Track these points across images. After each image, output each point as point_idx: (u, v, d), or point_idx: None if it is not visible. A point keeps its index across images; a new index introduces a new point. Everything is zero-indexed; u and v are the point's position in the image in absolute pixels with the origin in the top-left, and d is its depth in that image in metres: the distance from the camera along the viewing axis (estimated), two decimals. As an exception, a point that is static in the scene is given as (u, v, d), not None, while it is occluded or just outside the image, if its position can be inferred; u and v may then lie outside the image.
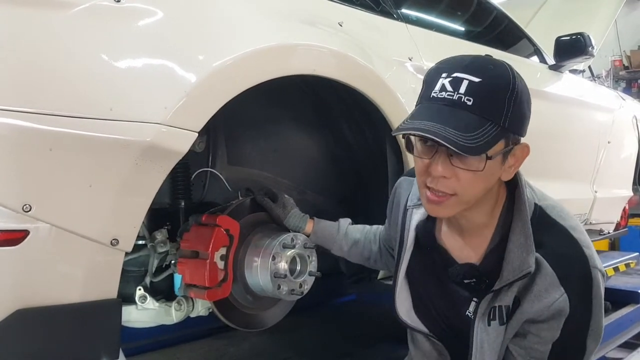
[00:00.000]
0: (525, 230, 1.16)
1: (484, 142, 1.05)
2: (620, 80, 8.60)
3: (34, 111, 1.02)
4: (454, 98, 1.07)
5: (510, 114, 1.07)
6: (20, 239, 1.03)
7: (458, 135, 1.04)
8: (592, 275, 1.16)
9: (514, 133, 1.12)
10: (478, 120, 1.06)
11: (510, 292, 1.19)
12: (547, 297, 1.15)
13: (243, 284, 1.51)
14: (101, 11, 1.13)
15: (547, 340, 1.18)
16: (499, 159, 1.12)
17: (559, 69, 2.95)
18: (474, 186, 1.12)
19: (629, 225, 4.23)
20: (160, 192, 1.19)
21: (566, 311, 1.14)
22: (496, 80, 1.08)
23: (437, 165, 1.10)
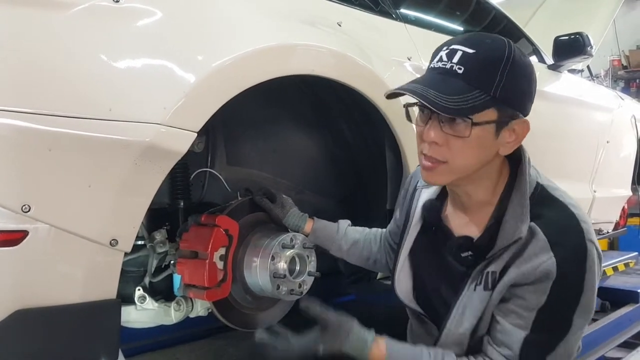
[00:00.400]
0: (523, 202, 1.18)
1: (468, 106, 1.09)
2: (619, 79, 8.62)
3: (33, 111, 1.02)
4: (447, 67, 1.13)
5: (503, 85, 1.10)
6: (19, 239, 1.03)
7: (440, 96, 1.09)
8: (587, 247, 1.14)
9: (509, 106, 1.14)
10: (465, 87, 1.10)
11: (501, 260, 1.18)
12: (536, 260, 1.13)
13: (242, 284, 1.51)
14: (100, 11, 1.13)
15: (532, 304, 1.14)
16: (491, 130, 1.14)
17: (558, 68, 2.95)
18: (464, 155, 1.15)
19: (628, 225, 4.23)
20: (160, 192, 1.19)
21: (553, 274, 1.11)
22: (490, 52, 1.13)
23: (430, 131, 1.15)
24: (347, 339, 1.24)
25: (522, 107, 1.17)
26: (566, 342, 1.15)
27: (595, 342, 3.06)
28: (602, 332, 3.17)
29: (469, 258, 1.24)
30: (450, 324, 1.24)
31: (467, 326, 1.22)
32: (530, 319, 1.14)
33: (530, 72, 1.17)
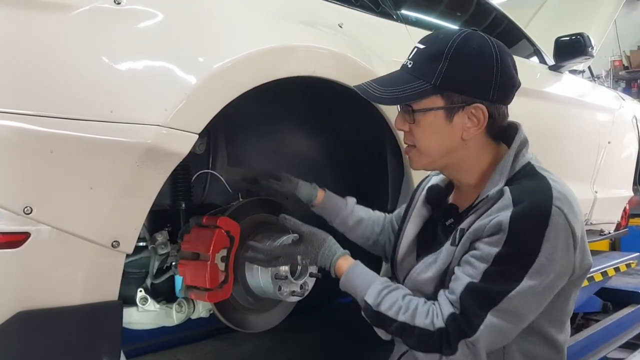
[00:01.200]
0: (502, 169, 1.23)
1: (404, 95, 1.21)
2: (620, 80, 8.62)
3: (35, 113, 1.02)
4: (404, 63, 1.27)
5: (444, 74, 1.19)
6: (21, 241, 1.03)
7: (378, 89, 1.25)
8: (552, 211, 1.11)
9: (455, 92, 1.20)
10: (409, 78, 1.22)
11: (470, 218, 1.21)
12: (497, 213, 1.15)
13: (244, 286, 1.51)
14: (101, 13, 1.14)
15: (484, 255, 1.13)
16: (440, 116, 1.22)
17: (559, 69, 2.95)
18: (424, 139, 1.25)
19: (629, 226, 4.23)
20: (161, 193, 1.19)
21: (505, 226, 1.11)
22: (437, 45, 1.22)
23: (397, 122, 1.30)
24: (319, 250, 1.32)
25: (475, 92, 1.20)
26: (511, 299, 1.11)
27: (597, 343, 3.06)
28: (604, 332, 3.17)
29: (452, 226, 1.27)
30: (413, 272, 1.30)
31: (428, 275, 1.25)
32: (480, 269, 1.13)
33: (481, 59, 1.20)
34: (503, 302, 1.12)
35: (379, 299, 1.21)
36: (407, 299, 1.21)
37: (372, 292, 1.23)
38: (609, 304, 3.60)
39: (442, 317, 1.15)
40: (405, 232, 1.42)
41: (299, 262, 1.37)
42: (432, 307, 1.18)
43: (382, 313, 1.20)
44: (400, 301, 1.20)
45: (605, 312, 3.60)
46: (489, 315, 1.12)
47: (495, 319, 1.12)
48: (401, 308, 1.19)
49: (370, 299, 1.22)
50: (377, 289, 1.23)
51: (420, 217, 1.42)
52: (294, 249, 1.34)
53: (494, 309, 1.12)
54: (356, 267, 1.30)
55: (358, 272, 1.29)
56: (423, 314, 1.17)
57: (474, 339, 1.12)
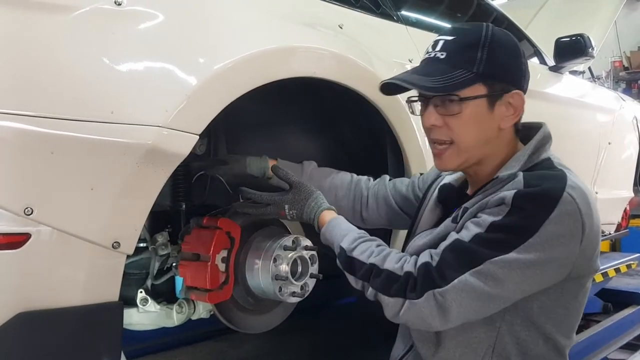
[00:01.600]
0: (520, 157, 1.22)
1: (451, 84, 1.17)
2: (620, 81, 8.62)
3: (35, 114, 1.02)
4: (431, 56, 1.23)
5: (485, 61, 1.18)
6: (21, 242, 1.03)
7: (423, 79, 1.19)
8: (562, 195, 1.09)
9: (497, 80, 1.20)
10: (448, 69, 1.19)
11: (477, 199, 1.21)
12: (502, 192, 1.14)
13: (244, 287, 1.51)
14: (102, 14, 1.14)
15: (481, 222, 1.12)
16: (483, 104, 1.20)
17: (559, 70, 2.96)
18: (466, 131, 1.21)
19: (630, 226, 4.23)
20: (161, 194, 1.19)
21: (508, 200, 1.10)
22: (468, 36, 1.22)
23: (428, 116, 1.23)
24: (306, 202, 1.36)
25: (513, 80, 1.23)
26: (493, 264, 1.08)
27: (598, 344, 3.06)
28: (605, 333, 3.17)
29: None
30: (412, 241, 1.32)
31: (421, 242, 1.26)
32: (472, 232, 1.12)
33: (514, 48, 1.24)
34: (484, 264, 1.09)
35: (353, 245, 1.24)
36: (381, 247, 1.24)
37: (348, 239, 1.26)
38: (610, 304, 3.60)
39: (413, 263, 1.16)
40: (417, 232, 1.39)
41: (287, 212, 1.39)
42: (406, 255, 1.20)
43: (354, 257, 1.23)
44: (373, 247, 1.23)
45: (606, 313, 3.60)
46: (467, 274, 1.09)
47: (472, 278, 1.09)
48: (373, 253, 1.21)
49: (345, 244, 1.25)
50: (353, 236, 1.26)
51: (433, 216, 1.39)
52: (282, 197, 1.38)
53: (473, 269, 1.09)
54: (338, 219, 1.34)
55: (339, 223, 1.32)
56: (394, 259, 1.19)
57: (444, 291, 1.10)
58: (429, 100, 1.22)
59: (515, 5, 4.74)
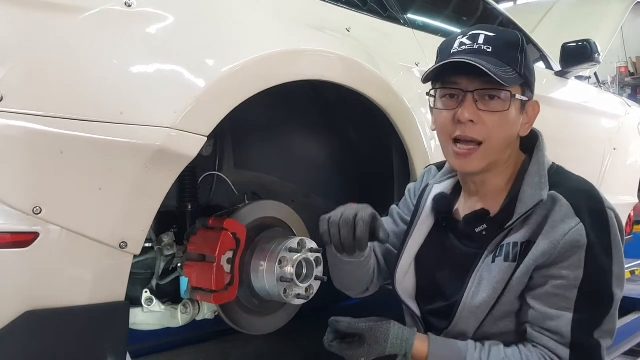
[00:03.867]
0: (541, 172, 1.19)
1: (509, 77, 1.13)
2: (626, 86, 8.59)
3: (45, 114, 1.03)
4: (475, 47, 1.16)
5: (524, 65, 1.17)
6: (30, 241, 1.04)
7: (489, 66, 1.11)
8: (608, 214, 1.13)
9: (528, 86, 1.20)
10: (500, 63, 1.14)
11: (523, 230, 1.16)
12: (563, 225, 1.10)
13: (249, 288, 1.51)
14: (112, 15, 1.14)
15: (571, 281, 1.11)
16: (519, 107, 1.18)
17: (565, 75, 2.95)
18: (499, 131, 1.16)
19: (634, 232, 4.21)
20: (168, 195, 1.19)
21: (584, 242, 1.09)
22: (509, 36, 1.20)
23: (465, 111, 1.15)
24: (386, 342, 1.17)
25: (534, 88, 1.23)
26: (611, 317, 1.13)
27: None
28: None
29: (483, 233, 1.21)
30: (466, 297, 1.20)
31: (484, 297, 1.18)
32: (572, 298, 1.11)
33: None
34: (605, 322, 1.13)
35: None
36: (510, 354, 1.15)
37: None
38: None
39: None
40: (410, 243, 1.36)
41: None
42: (541, 354, 1.14)
43: None
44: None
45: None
46: (597, 338, 1.12)
47: (601, 340, 1.13)
48: None
49: None
50: (475, 358, 1.15)
51: (426, 226, 1.36)
52: (356, 352, 1.18)
53: (597, 330, 1.12)
54: (436, 344, 1.19)
55: (442, 349, 1.18)
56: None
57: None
58: (466, 94, 1.15)
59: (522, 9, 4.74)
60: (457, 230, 1.28)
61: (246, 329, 1.57)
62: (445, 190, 1.37)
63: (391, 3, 2.02)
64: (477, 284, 1.19)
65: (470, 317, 1.21)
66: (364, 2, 1.90)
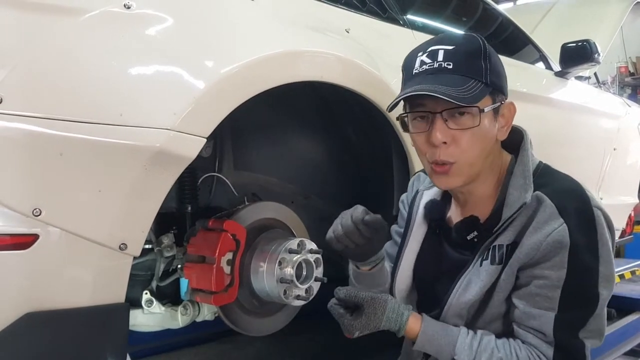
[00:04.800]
0: (526, 173, 1.19)
1: (472, 95, 1.11)
2: (626, 86, 8.58)
3: (45, 116, 1.03)
4: (435, 66, 1.15)
5: (489, 71, 1.16)
6: (29, 242, 1.04)
7: (449, 89, 1.10)
8: (595, 214, 1.13)
9: (498, 90, 1.19)
10: (462, 79, 1.13)
11: (509, 232, 1.17)
12: (546, 227, 1.11)
13: (249, 289, 1.51)
14: (112, 17, 1.15)
15: (554, 281, 1.11)
16: (491, 115, 1.17)
17: (565, 75, 2.95)
18: (472, 147, 1.15)
19: (634, 233, 4.21)
20: (167, 196, 1.19)
21: (566, 242, 1.09)
22: (468, 46, 1.18)
23: (436, 133, 1.14)
24: (383, 315, 1.19)
25: (505, 90, 1.22)
26: (596, 317, 1.13)
27: (601, 350, 3.04)
28: (608, 340, 3.16)
29: (475, 240, 1.22)
30: (453, 297, 1.23)
31: (469, 297, 1.20)
32: (556, 298, 1.12)
33: (499, 57, 1.23)
34: (590, 322, 1.13)
35: (472, 356, 1.15)
36: (501, 347, 1.16)
37: (463, 349, 1.16)
38: (613, 311, 3.58)
39: (546, 358, 1.14)
40: (406, 253, 1.37)
41: (355, 336, 1.21)
42: (529, 351, 1.15)
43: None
44: (497, 353, 1.15)
45: (610, 319, 3.59)
46: (582, 339, 1.13)
47: (587, 340, 1.13)
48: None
49: (463, 356, 1.16)
50: (466, 343, 1.16)
51: (420, 234, 1.37)
52: (353, 322, 1.19)
53: (582, 330, 1.13)
54: (430, 324, 1.21)
55: (435, 330, 1.20)
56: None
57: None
58: (435, 115, 1.15)
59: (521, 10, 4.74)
60: (451, 239, 1.29)
61: (246, 330, 1.57)
62: (435, 196, 1.38)
63: (390, 4, 2.02)
64: (465, 286, 1.21)
65: (456, 318, 1.23)
66: (363, 3, 1.90)
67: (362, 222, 1.21)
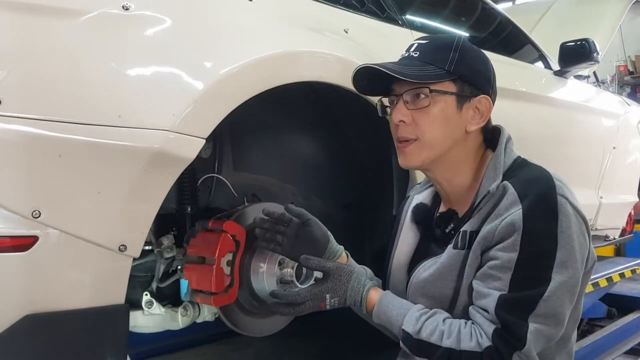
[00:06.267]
0: (497, 165, 1.23)
1: (422, 74, 1.20)
2: (625, 85, 8.59)
3: (43, 118, 1.03)
4: (406, 55, 1.27)
5: (456, 62, 1.22)
6: (29, 244, 1.04)
7: (400, 67, 1.21)
8: (557, 201, 1.13)
9: (466, 82, 1.23)
10: (421, 63, 1.23)
11: (474, 220, 1.20)
12: (504, 214, 1.14)
13: (249, 290, 1.51)
14: (110, 19, 1.15)
15: (505, 263, 1.12)
16: (452, 103, 1.22)
17: (564, 74, 2.95)
18: (431, 128, 1.22)
19: (634, 231, 4.21)
20: (167, 197, 1.20)
21: (519, 225, 1.11)
22: (441, 40, 1.29)
23: (396, 112, 1.24)
24: (348, 284, 1.25)
25: (481, 85, 1.26)
26: (547, 301, 1.11)
27: (602, 349, 3.05)
28: (609, 338, 3.16)
29: (452, 233, 1.26)
30: (414, 277, 1.29)
31: (426, 275, 1.25)
32: (506, 279, 1.12)
33: (484, 57, 1.29)
34: (539, 305, 1.11)
35: (418, 326, 1.18)
36: (448, 322, 1.17)
37: (410, 320, 1.19)
38: (614, 309, 3.59)
39: (486, 336, 1.13)
40: (396, 256, 1.39)
41: (328, 302, 1.25)
42: (473, 327, 1.15)
43: (424, 340, 1.16)
44: (441, 325, 1.17)
45: (610, 318, 3.59)
46: (530, 323, 1.11)
47: (536, 324, 1.11)
48: (443, 333, 1.15)
49: (409, 327, 1.18)
50: (414, 316, 1.19)
51: (411, 237, 1.39)
52: (321, 288, 1.25)
53: (532, 314, 1.11)
54: (387, 296, 1.25)
55: (391, 301, 1.24)
56: (467, 336, 1.14)
57: (526, 350, 1.11)
58: (399, 97, 1.24)
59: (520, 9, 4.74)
60: (435, 236, 1.32)
61: (246, 331, 1.57)
62: (424, 200, 1.41)
63: (389, 4, 2.02)
64: (426, 268, 1.26)
65: (417, 295, 1.26)
66: (361, 3, 1.90)
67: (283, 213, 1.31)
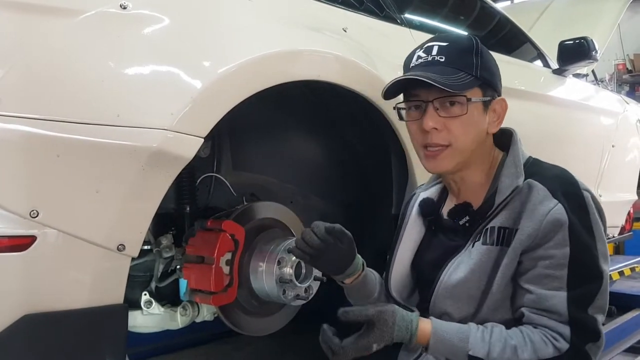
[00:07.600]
0: (517, 162, 1.25)
1: (461, 84, 1.20)
2: (624, 83, 8.61)
3: (41, 117, 1.03)
4: (429, 59, 1.25)
5: (480, 66, 1.24)
6: (27, 244, 1.04)
7: (439, 77, 1.19)
8: (584, 196, 1.19)
9: (489, 86, 1.26)
10: (452, 70, 1.22)
11: (502, 216, 1.21)
12: (542, 207, 1.16)
13: (248, 289, 1.51)
14: (108, 18, 1.14)
15: (560, 260, 1.14)
16: (480, 107, 1.25)
17: (563, 73, 2.95)
18: (464, 133, 1.23)
19: (633, 229, 4.21)
20: (166, 197, 1.19)
21: (564, 220, 1.14)
22: (461, 43, 1.28)
23: (428, 120, 1.23)
24: (395, 324, 1.16)
25: (497, 87, 1.30)
26: (602, 293, 1.16)
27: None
28: (608, 337, 3.15)
29: (466, 225, 1.27)
30: (443, 277, 1.26)
31: (460, 276, 1.22)
32: (564, 277, 1.14)
33: (493, 58, 1.31)
34: (597, 298, 1.15)
35: (486, 347, 1.15)
36: (512, 334, 1.16)
37: (476, 343, 1.15)
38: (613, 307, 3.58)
39: (562, 338, 1.14)
40: (400, 250, 1.39)
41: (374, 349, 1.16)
42: (542, 333, 1.15)
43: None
44: (509, 340, 1.15)
45: (609, 316, 3.59)
46: (592, 314, 1.15)
47: (597, 315, 1.16)
48: (516, 348, 1.14)
49: (479, 351, 1.15)
50: (477, 337, 1.16)
51: (415, 232, 1.39)
52: (368, 339, 1.15)
53: (591, 306, 1.15)
54: (438, 324, 1.19)
55: (444, 329, 1.18)
56: (541, 344, 1.14)
57: (601, 341, 1.16)
58: (427, 104, 1.23)
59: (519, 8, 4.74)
60: (444, 227, 1.34)
61: (246, 331, 1.57)
62: (431, 195, 1.42)
63: (388, 3, 2.02)
64: (455, 267, 1.25)
65: (446, 298, 1.25)
66: (360, 2, 1.90)
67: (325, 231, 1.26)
